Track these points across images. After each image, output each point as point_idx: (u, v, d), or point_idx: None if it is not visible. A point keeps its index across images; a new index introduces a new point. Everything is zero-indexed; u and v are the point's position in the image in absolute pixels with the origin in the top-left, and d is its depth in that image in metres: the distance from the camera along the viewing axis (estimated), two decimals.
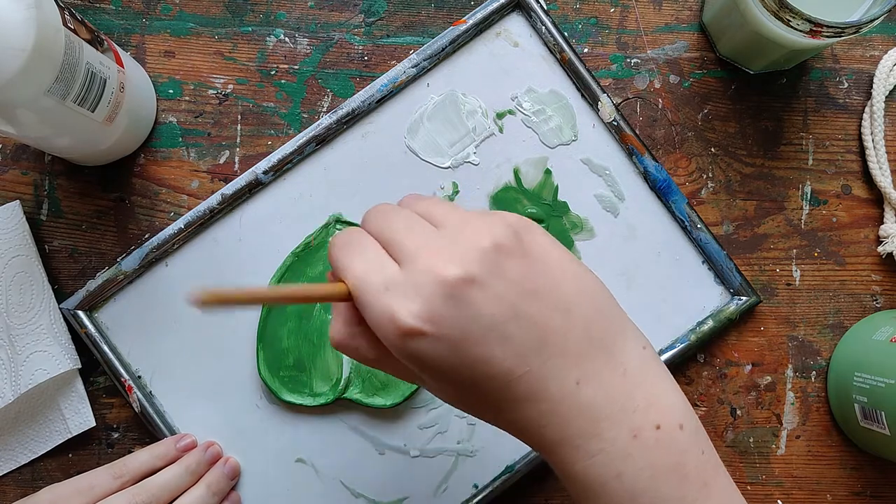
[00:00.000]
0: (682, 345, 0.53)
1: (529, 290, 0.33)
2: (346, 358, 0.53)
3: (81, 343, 0.53)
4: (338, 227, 0.53)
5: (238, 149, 0.55)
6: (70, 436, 0.53)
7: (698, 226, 0.53)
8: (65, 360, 0.51)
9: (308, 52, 0.55)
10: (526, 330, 0.33)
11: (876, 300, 0.54)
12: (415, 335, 0.32)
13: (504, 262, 0.33)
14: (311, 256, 0.53)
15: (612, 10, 0.55)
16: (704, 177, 0.55)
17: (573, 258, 0.35)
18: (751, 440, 0.54)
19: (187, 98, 0.55)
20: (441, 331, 0.32)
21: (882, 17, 0.44)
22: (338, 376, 0.52)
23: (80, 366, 0.52)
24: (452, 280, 0.32)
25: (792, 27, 0.45)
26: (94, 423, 0.53)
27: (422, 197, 0.37)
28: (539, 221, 0.53)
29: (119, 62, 0.49)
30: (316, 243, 0.53)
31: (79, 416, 0.53)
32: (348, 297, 0.34)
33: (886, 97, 0.54)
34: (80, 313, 0.52)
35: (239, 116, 0.55)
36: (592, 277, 0.35)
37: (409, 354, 0.33)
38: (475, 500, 0.52)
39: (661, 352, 0.53)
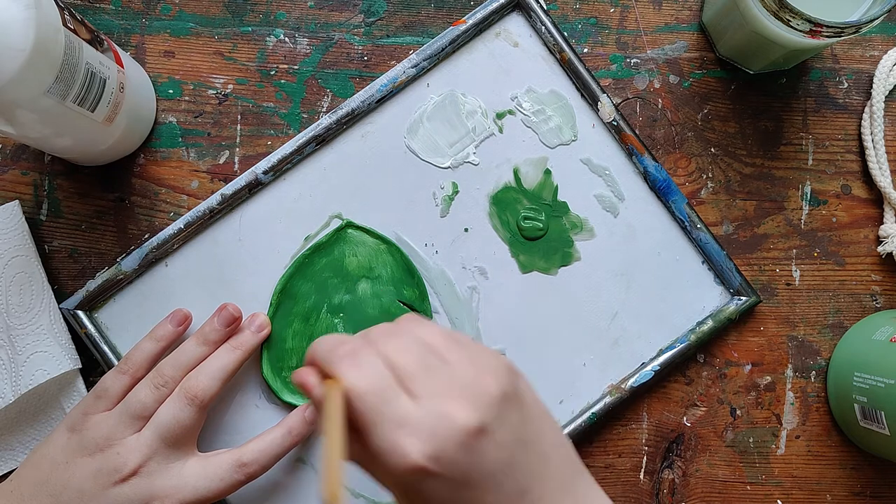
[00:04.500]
0: (682, 345, 0.53)
1: (522, 440, 0.35)
2: None
3: (81, 343, 0.53)
4: (349, 231, 0.53)
5: (238, 149, 0.55)
6: None
7: (698, 226, 0.53)
8: (65, 360, 0.51)
9: (308, 52, 0.55)
10: (515, 478, 0.34)
11: (876, 300, 0.54)
12: (422, 474, 0.33)
13: (507, 410, 0.34)
14: (318, 257, 0.53)
15: (612, 10, 0.55)
16: (704, 177, 0.55)
17: (545, 405, 0.37)
18: (750, 440, 0.54)
19: (187, 98, 0.55)
20: (446, 472, 0.33)
21: (882, 17, 0.44)
22: None
23: (80, 366, 0.52)
24: (469, 430, 0.33)
25: (792, 27, 0.45)
26: None
27: (419, 321, 0.38)
28: (538, 222, 0.53)
29: (119, 62, 0.49)
30: (324, 241, 0.53)
31: None
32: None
33: (886, 97, 0.54)
34: (80, 313, 0.52)
35: (239, 116, 0.55)
36: (559, 425, 0.38)
37: (409, 488, 0.34)
38: None
39: (661, 352, 0.53)
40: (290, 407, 0.52)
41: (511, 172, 0.54)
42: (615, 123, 0.53)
